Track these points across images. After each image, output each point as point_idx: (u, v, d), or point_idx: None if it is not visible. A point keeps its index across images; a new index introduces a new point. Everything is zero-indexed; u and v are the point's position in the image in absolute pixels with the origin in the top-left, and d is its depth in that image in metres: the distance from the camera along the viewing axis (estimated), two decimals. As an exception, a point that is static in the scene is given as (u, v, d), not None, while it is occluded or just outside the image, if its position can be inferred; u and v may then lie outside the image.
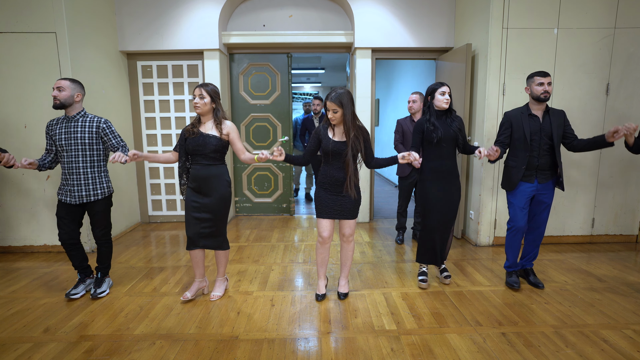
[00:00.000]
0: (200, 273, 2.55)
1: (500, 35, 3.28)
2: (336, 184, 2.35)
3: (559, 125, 2.51)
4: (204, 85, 2.36)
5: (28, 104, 3.26)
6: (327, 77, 11.49)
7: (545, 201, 2.59)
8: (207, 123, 2.39)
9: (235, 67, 4.58)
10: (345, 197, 2.37)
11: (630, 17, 3.31)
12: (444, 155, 2.55)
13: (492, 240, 3.57)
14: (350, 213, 2.40)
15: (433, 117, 2.55)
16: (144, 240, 3.88)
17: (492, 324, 2.19)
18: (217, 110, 2.39)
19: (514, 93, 3.36)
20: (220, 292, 2.58)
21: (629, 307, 2.38)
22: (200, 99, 2.32)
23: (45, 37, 3.19)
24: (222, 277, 2.61)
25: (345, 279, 2.58)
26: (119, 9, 4.03)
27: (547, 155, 2.52)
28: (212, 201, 2.38)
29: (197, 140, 2.33)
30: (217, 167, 2.39)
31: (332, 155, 2.33)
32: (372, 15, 4.12)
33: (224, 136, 2.39)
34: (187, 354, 1.94)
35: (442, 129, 2.51)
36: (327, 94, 2.26)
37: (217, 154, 2.37)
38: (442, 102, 2.51)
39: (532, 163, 2.53)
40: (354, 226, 2.47)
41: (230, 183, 2.45)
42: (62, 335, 2.11)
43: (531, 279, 2.71)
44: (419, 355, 1.91)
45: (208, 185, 2.36)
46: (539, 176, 2.55)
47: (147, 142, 4.45)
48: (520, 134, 2.53)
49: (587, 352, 1.91)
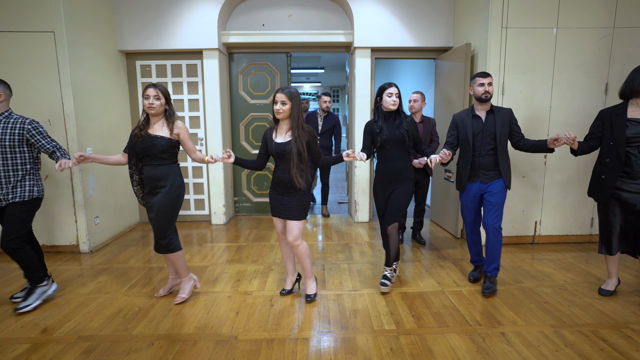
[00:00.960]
0: (172, 270, 2.58)
1: (500, 35, 3.28)
2: (281, 184, 2.34)
3: (504, 124, 2.50)
4: (157, 85, 2.31)
5: (26, 103, 3.25)
6: (327, 76, 11.49)
7: (490, 200, 2.54)
8: (156, 124, 2.35)
9: (235, 66, 4.58)
10: (289, 197, 2.34)
11: (629, 17, 3.31)
12: (391, 157, 2.54)
13: (492, 239, 3.57)
14: (292, 214, 2.34)
15: (380, 119, 2.53)
16: (143, 240, 3.87)
17: (491, 324, 2.19)
18: (169, 111, 2.36)
19: (514, 92, 3.36)
20: (185, 294, 2.49)
21: (627, 306, 2.38)
22: (155, 99, 2.28)
23: (43, 37, 3.18)
24: (185, 278, 2.52)
25: (309, 279, 2.52)
26: (117, 8, 4.02)
27: (490, 155, 2.52)
28: (158, 200, 2.32)
29: (145, 142, 2.29)
30: (167, 167, 2.35)
31: (277, 157, 2.32)
32: (371, 15, 4.12)
33: (174, 136, 2.35)
34: (185, 354, 1.93)
35: (388, 131, 2.50)
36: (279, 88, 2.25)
37: (166, 154, 2.33)
38: (389, 104, 2.49)
39: (475, 163, 2.55)
40: (296, 229, 2.35)
41: (180, 184, 2.40)
42: (60, 336, 2.10)
43: (484, 284, 2.59)
44: (418, 355, 1.91)
45: (156, 185, 2.34)
46: (482, 176, 2.55)
47: (146, 141, 4.44)
48: (464, 135, 2.56)
49: (586, 352, 1.91)
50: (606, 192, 2.35)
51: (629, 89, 2.29)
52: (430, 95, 4.92)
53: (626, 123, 2.26)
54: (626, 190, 2.30)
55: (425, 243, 3.66)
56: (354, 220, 4.53)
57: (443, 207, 4.13)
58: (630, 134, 2.25)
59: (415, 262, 3.17)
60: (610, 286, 2.53)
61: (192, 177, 4.50)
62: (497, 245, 2.55)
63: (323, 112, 4.61)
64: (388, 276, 2.63)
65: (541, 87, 3.37)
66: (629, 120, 2.27)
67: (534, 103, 3.38)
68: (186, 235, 4.02)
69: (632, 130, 2.25)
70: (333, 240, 3.81)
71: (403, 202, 2.57)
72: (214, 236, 3.96)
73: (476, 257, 2.80)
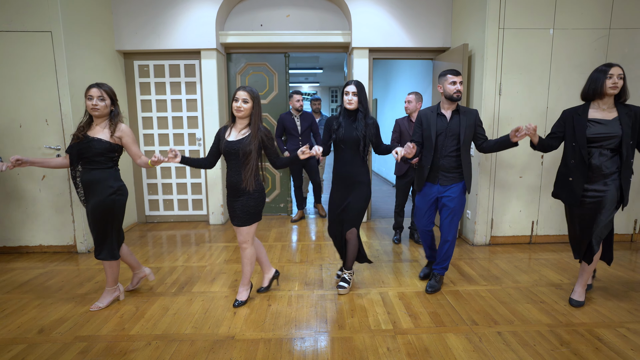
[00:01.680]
0: (132, 266, 2.56)
1: (497, 36, 3.29)
2: (231, 187, 2.28)
3: (469, 125, 2.42)
4: (101, 85, 2.23)
5: (23, 103, 3.24)
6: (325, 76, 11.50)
7: (449, 205, 2.47)
8: (98, 126, 2.26)
9: (233, 66, 4.58)
10: (237, 202, 2.28)
11: (625, 18, 3.33)
12: (347, 160, 2.47)
13: (489, 239, 3.58)
14: (238, 219, 2.29)
15: (342, 117, 2.47)
16: (141, 240, 3.87)
17: (488, 323, 2.20)
18: (115, 113, 2.28)
19: (510, 93, 3.37)
20: (103, 303, 2.41)
21: (623, 305, 2.39)
22: (99, 100, 2.20)
23: (40, 36, 3.18)
24: (109, 288, 2.43)
25: (242, 286, 2.46)
26: (115, 8, 4.02)
27: (452, 156, 2.44)
28: (91, 206, 2.25)
29: (81, 144, 2.21)
30: (101, 171, 2.25)
31: (226, 156, 2.24)
32: (369, 15, 4.13)
33: (115, 139, 2.25)
34: (182, 354, 1.93)
35: (346, 130, 2.43)
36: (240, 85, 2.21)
37: (102, 157, 2.23)
38: (345, 102, 2.43)
39: (436, 163, 2.47)
40: (243, 233, 2.32)
41: (116, 190, 2.28)
42: (57, 336, 2.10)
43: (428, 282, 2.62)
44: (414, 354, 1.91)
45: (90, 190, 2.25)
46: (442, 178, 2.48)
47: (144, 141, 4.44)
48: (428, 133, 2.47)
49: (582, 351, 1.92)
50: (575, 193, 2.26)
51: (592, 90, 2.22)
52: (428, 95, 4.94)
53: (587, 123, 2.21)
54: (584, 195, 2.25)
55: (423, 243, 3.67)
56: (351, 220, 4.53)
57: (441, 207, 4.14)
58: (591, 134, 2.19)
59: (413, 262, 3.18)
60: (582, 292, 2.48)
61: (190, 177, 4.50)
62: (452, 247, 2.57)
63: (297, 111, 4.35)
64: (347, 279, 2.61)
65: (538, 87, 3.39)
66: (589, 120, 2.21)
67: (530, 103, 3.39)
68: (184, 235, 4.02)
69: (593, 130, 2.19)
70: (329, 240, 3.81)
71: (360, 208, 2.50)
72: (212, 236, 3.96)
73: (430, 251, 2.74)
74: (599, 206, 2.22)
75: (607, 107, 2.21)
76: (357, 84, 2.41)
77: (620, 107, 2.20)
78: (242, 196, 2.27)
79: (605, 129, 2.17)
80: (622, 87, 2.16)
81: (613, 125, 2.16)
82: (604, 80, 2.15)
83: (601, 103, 2.22)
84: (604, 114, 2.21)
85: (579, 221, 2.33)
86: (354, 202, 2.49)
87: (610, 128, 2.16)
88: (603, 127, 2.17)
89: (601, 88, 2.17)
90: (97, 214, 2.25)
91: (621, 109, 2.19)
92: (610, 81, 2.14)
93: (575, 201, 2.27)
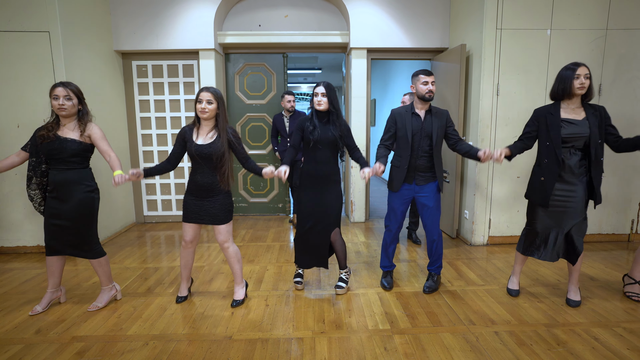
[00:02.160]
0: (54, 283, 2.37)
1: (494, 36, 3.30)
2: (201, 188, 2.26)
3: (441, 126, 2.46)
4: (67, 84, 2.19)
5: (21, 103, 3.24)
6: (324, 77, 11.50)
7: (427, 204, 2.51)
8: (67, 125, 2.23)
9: (231, 67, 4.58)
10: (211, 201, 2.28)
11: (622, 19, 3.34)
12: (320, 159, 2.45)
13: (487, 239, 3.59)
14: (217, 218, 2.30)
15: (315, 118, 2.45)
16: (139, 240, 3.86)
17: (485, 323, 2.21)
18: (84, 112, 2.26)
19: (508, 93, 3.38)
20: (101, 302, 2.40)
21: (619, 305, 2.40)
22: (66, 100, 2.16)
23: (38, 36, 3.17)
24: (105, 287, 2.43)
25: (237, 285, 2.47)
26: (113, 9, 4.02)
27: (426, 156, 2.47)
28: (69, 207, 2.21)
29: (53, 144, 2.16)
30: (76, 171, 2.23)
31: (198, 159, 2.23)
32: (367, 16, 4.13)
33: (85, 138, 2.23)
34: (180, 354, 1.93)
35: (321, 131, 2.42)
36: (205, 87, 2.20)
37: (76, 157, 2.22)
38: (314, 104, 2.42)
39: (412, 163, 2.48)
40: (225, 232, 2.34)
41: (94, 188, 2.30)
42: (54, 337, 2.10)
43: (426, 283, 2.65)
44: (412, 354, 1.92)
45: (65, 191, 2.21)
46: (417, 177, 2.50)
47: (142, 141, 4.44)
48: (403, 133, 2.47)
49: (578, 350, 1.93)
50: (546, 194, 2.27)
51: (560, 89, 2.22)
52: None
53: (560, 123, 2.22)
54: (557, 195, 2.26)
55: (421, 243, 3.68)
56: (350, 220, 4.54)
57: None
58: (565, 135, 2.20)
59: (411, 262, 3.18)
60: (515, 284, 2.57)
61: (188, 177, 4.49)
62: (441, 245, 2.61)
63: (288, 112, 4.18)
64: (344, 279, 2.63)
65: (535, 88, 3.39)
66: (562, 120, 2.22)
67: (528, 104, 3.40)
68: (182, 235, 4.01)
69: (567, 131, 2.20)
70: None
71: (339, 207, 2.53)
72: (210, 236, 3.96)
73: (389, 262, 2.71)
74: (568, 205, 2.25)
75: (576, 106, 2.25)
76: (326, 85, 2.41)
77: (587, 107, 2.24)
78: (216, 195, 2.28)
79: (577, 129, 2.20)
80: (588, 87, 2.19)
81: (583, 126, 2.20)
82: (572, 80, 2.17)
83: (570, 103, 2.25)
84: (574, 114, 2.24)
85: (548, 219, 2.32)
86: (332, 202, 2.49)
87: (581, 128, 2.19)
88: (575, 128, 2.20)
89: (570, 88, 2.18)
90: (78, 213, 2.24)
91: (588, 109, 2.23)
92: (577, 81, 2.16)
93: (546, 201, 2.28)
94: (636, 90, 3.41)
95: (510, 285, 2.58)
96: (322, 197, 2.49)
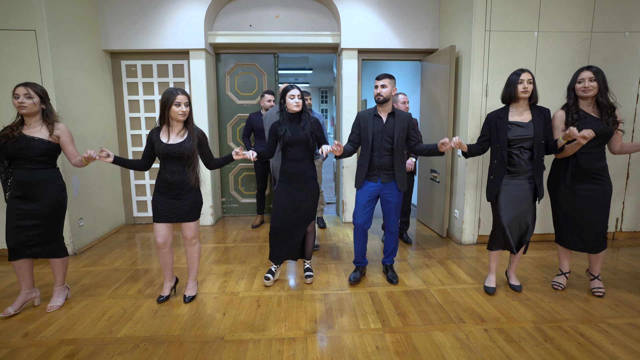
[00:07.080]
0: (27, 284, 2.36)
1: (483, 38, 3.35)
2: (171, 187, 2.31)
3: (403, 128, 2.58)
4: (31, 84, 2.22)
5: (7, 103, 3.18)
6: (315, 77, 11.51)
7: (391, 200, 2.66)
8: (32, 125, 2.25)
9: (222, 67, 4.56)
10: (182, 199, 2.34)
11: (606, 22, 3.42)
12: (295, 157, 2.57)
13: (476, 238, 3.64)
14: (188, 215, 2.37)
15: (285, 121, 2.57)
16: (129, 242, 3.82)
17: (474, 321, 2.24)
18: (47, 112, 2.27)
19: (497, 94, 3.43)
20: (60, 302, 2.43)
21: (604, 301, 2.46)
22: (26, 98, 2.18)
23: (24, 35, 3.12)
24: (60, 287, 2.46)
25: (193, 281, 2.55)
26: (102, 7, 3.97)
27: (388, 155, 2.61)
28: (41, 207, 2.24)
29: (19, 143, 2.17)
30: (45, 171, 2.26)
31: (166, 159, 2.27)
32: (358, 17, 4.16)
33: (54, 138, 2.26)
34: (171, 355, 1.92)
35: (292, 132, 2.53)
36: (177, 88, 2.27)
37: (44, 157, 2.24)
38: (292, 105, 2.52)
39: (374, 163, 2.62)
40: (194, 228, 2.42)
41: (63, 187, 2.34)
42: (42, 340, 2.07)
43: (388, 275, 2.82)
44: (403, 352, 1.94)
45: (34, 191, 2.22)
46: (382, 176, 2.64)
47: (132, 142, 4.39)
48: (365, 134, 2.62)
49: (565, 346, 1.97)
50: (493, 191, 2.47)
51: (507, 93, 2.40)
52: (417, 96, 4.99)
53: (508, 126, 2.38)
54: (512, 191, 2.42)
55: (412, 242, 3.71)
56: (341, 220, 4.55)
57: (429, 206, 4.19)
58: (512, 137, 2.37)
59: (402, 261, 3.21)
60: (493, 282, 2.64)
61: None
62: (397, 237, 2.81)
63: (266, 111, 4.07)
64: (310, 268, 2.85)
65: (523, 89, 3.45)
66: (510, 123, 2.38)
67: (516, 105, 3.45)
68: (174, 236, 3.97)
69: (513, 133, 2.37)
70: (320, 240, 3.82)
71: (315, 203, 2.68)
72: (202, 237, 3.93)
73: (361, 257, 2.81)
74: (520, 199, 2.42)
75: (523, 109, 2.41)
76: (299, 87, 2.56)
77: (534, 110, 2.41)
78: (187, 193, 2.35)
79: (525, 131, 2.37)
80: (532, 91, 2.36)
81: (529, 128, 2.37)
82: (517, 84, 2.34)
83: (517, 106, 2.42)
84: (522, 117, 2.40)
85: (507, 213, 2.46)
86: (307, 197, 2.63)
87: (528, 130, 2.37)
88: (522, 130, 2.37)
89: (514, 92, 2.36)
90: (49, 212, 2.27)
91: (534, 112, 2.40)
92: (520, 86, 2.34)
93: (494, 198, 2.47)
94: (620, 92, 3.49)
95: (487, 283, 2.65)
96: (298, 193, 2.61)
